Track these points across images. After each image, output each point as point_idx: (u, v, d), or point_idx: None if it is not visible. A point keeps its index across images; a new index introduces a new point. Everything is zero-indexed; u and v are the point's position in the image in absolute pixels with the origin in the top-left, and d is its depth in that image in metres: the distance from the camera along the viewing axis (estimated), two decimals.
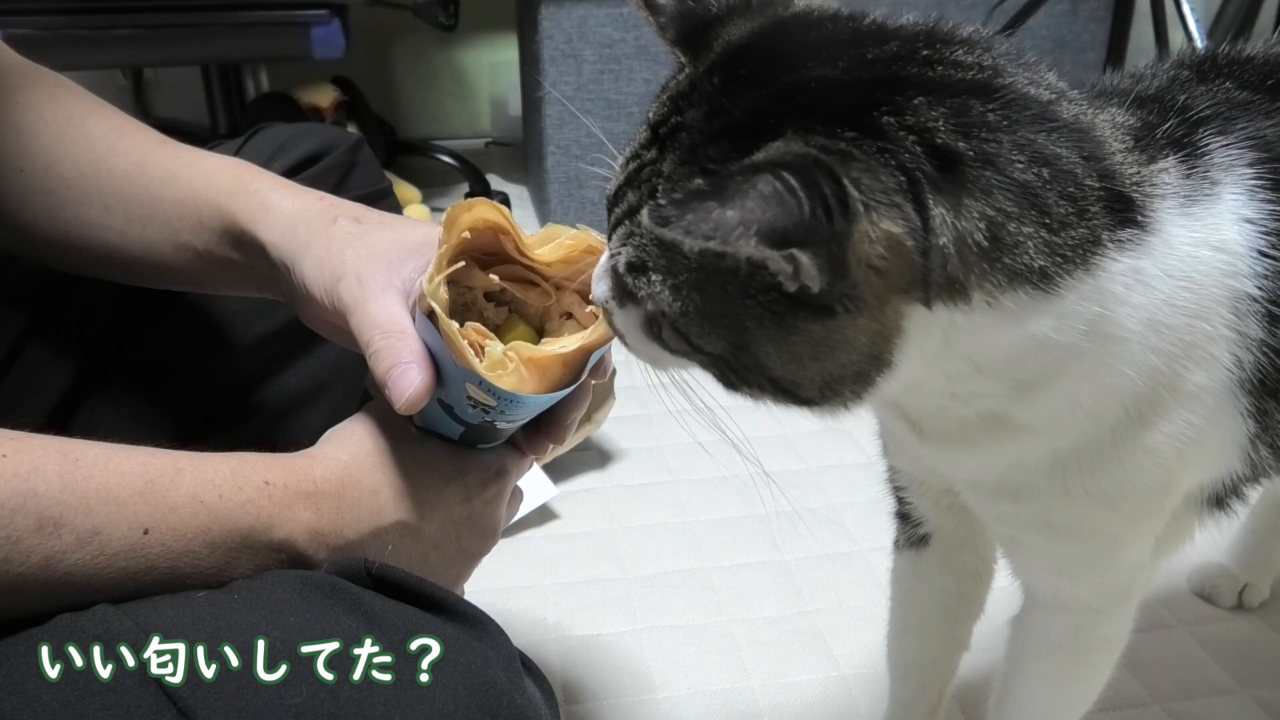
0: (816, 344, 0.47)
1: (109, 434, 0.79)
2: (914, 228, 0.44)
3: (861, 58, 0.48)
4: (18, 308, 0.77)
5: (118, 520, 0.49)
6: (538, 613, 1.05)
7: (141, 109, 2.49)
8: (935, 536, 0.75)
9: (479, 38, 2.58)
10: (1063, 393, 0.51)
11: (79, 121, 0.72)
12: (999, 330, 0.47)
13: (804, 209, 0.41)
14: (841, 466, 1.29)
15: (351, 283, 0.60)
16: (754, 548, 1.15)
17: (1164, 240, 0.50)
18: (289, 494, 0.55)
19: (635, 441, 1.35)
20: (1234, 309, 0.53)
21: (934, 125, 0.45)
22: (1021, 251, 0.46)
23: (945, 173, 0.44)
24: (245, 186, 0.68)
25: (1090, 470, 0.55)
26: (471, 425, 0.59)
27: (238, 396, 0.86)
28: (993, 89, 0.47)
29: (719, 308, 0.48)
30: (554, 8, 1.94)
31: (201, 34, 1.76)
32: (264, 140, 0.90)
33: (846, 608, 1.05)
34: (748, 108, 0.47)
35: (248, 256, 0.67)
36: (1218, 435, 0.56)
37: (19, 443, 0.49)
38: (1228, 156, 0.53)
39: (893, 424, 0.60)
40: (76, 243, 0.72)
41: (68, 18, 1.70)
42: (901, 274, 0.45)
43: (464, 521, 0.62)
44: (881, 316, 0.46)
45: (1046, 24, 2.12)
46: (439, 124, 2.68)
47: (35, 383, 0.78)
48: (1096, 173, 0.48)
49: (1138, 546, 0.62)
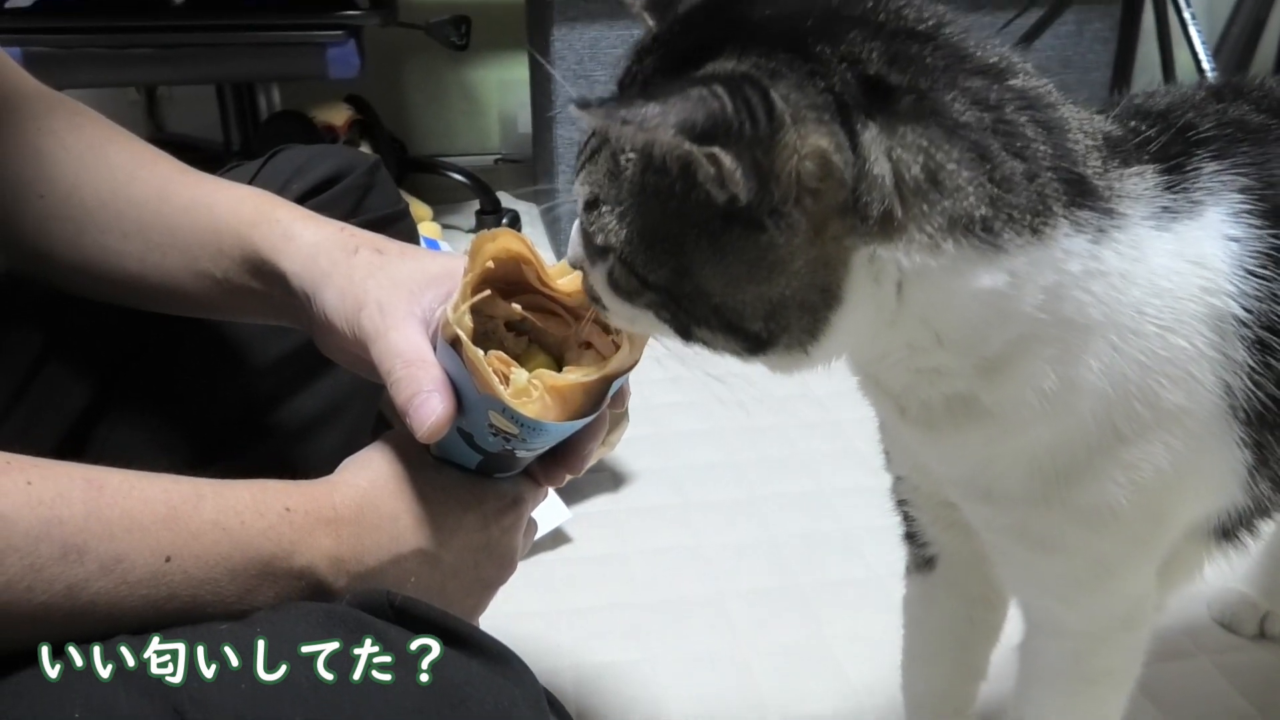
0: (752, 263, 0.48)
1: (125, 454, 0.79)
2: (841, 145, 0.45)
3: (808, 2, 0.50)
4: (35, 328, 0.78)
5: (140, 547, 0.49)
6: (551, 639, 1.04)
7: (154, 125, 2.50)
8: (942, 559, 0.74)
9: (489, 56, 2.58)
10: (1027, 377, 0.51)
11: (100, 149, 0.73)
12: (946, 281, 0.48)
13: (726, 109, 0.43)
14: (857, 489, 1.28)
15: (373, 312, 0.60)
16: (769, 573, 1.14)
17: (1130, 240, 0.51)
18: (310, 520, 0.55)
19: (648, 463, 1.34)
20: (1215, 328, 0.53)
21: (867, 57, 0.46)
22: (962, 196, 0.46)
23: (875, 100, 0.46)
24: (267, 216, 0.68)
25: (1066, 479, 0.55)
26: (490, 454, 0.59)
27: (253, 418, 0.86)
28: (935, 39, 0.49)
29: (659, 229, 0.49)
30: (566, 29, 1.95)
31: (218, 53, 1.77)
32: (283, 162, 0.90)
33: (864, 635, 1.04)
34: (693, 42, 0.50)
35: (267, 285, 0.68)
36: (1210, 464, 0.56)
37: (44, 470, 0.49)
38: (1218, 180, 0.54)
39: (879, 405, 0.61)
40: (95, 269, 0.72)
41: (85, 36, 1.72)
42: (833, 196, 0.46)
43: (482, 549, 0.62)
44: (820, 242, 0.47)
45: (1052, 44, 2.12)
46: (449, 141, 2.68)
47: (52, 403, 0.78)
48: (1051, 144, 0.49)
49: (1134, 576, 0.62)
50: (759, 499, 1.27)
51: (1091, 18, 2.14)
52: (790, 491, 1.29)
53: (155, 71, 1.87)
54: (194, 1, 1.79)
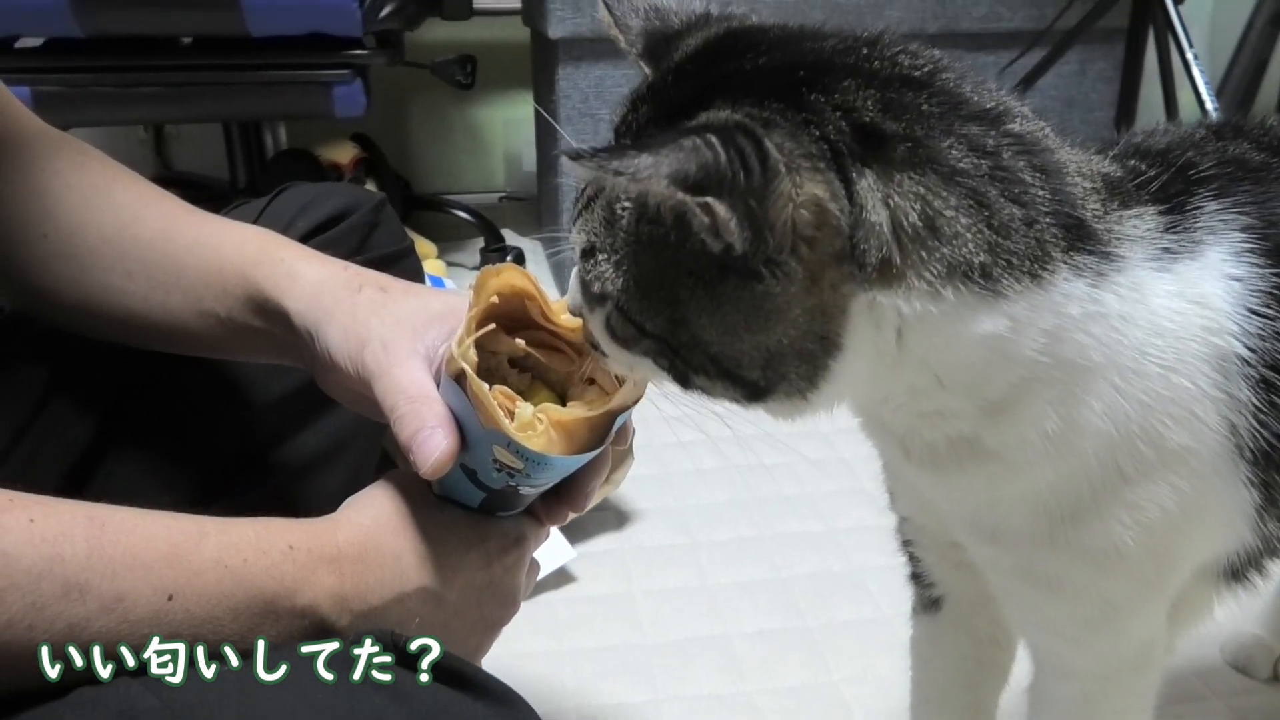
0: (748, 312, 0.47)
1: (127, 491, 0.79)
2: (837, 193, 0.45)
3: (799, 50, 0.50)
4: (39, 364, 0.78)
5: (142, 586, 0.48)
6: (556, 680, 1.03)
7: (162, 162, 2.52)
8: (948, 599, 0.74)
9: (494, 94, 2.61)
10: (1030, 419, 0.51)
11: (104, 189, 0.73)
12: (946, 327, 0.48)
13: (719, 159, 0.43)
14: (864, 528, 1.27)
15: (376, 349, 0.60)
16: (776, 613, 1.13)
17: (1131, 282, 0.51)
18: (312, 558, 0.55)
19: (653, 501, 1.33)
20: (1219, 368, 0.53)
21: (861, 105, 0.46)
22: (961, 243, 0.46)
23: (871, 148, 0.46)
24: (271, 255, 0.68)
25: (1072, 519, 0.55)
26: (494, 491, 0.59)
27: (256, 455, 0.85)
28: (930, 85, 0.49)
29: (655, 279, 0.49)
30: (571, 68, 1.96)
31: (225, 92, 1.79)
32: (288, 199, 0.91)
33: (872, 677, 1.03)
34: (688, 92, 0.50)
35: (271, 324, 0.68)
36: (1217, 504, 0.56)
37: (46, 507, 0.49)
38: (1220, 219, 0.54)
39: (882, 446, 0.60)
40: (97, 308, 0.72)
41: (93, 75, 1.73)
42: (830, 244, 0.46)
43: (485, 588, 0.62)
44: (818, 291, 0.47)
45: (1055, 84, 2.14)
46: (454, 179, 2.70)
47: (56, 440, 0.78)
48: (1049, 189, 0.49)
49: (1142, 617, 0.61)
50: (766, 538, 1.26)
51: (1094, 57, 2.16)
52: (797, 531, 1.28)
53: (163, 110, 1.88)
54: (201, 41, 1.81)
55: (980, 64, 2.13)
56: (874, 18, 2.03)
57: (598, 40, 1.97)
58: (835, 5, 2.01)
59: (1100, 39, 2.11)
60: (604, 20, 0.58)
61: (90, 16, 1.61)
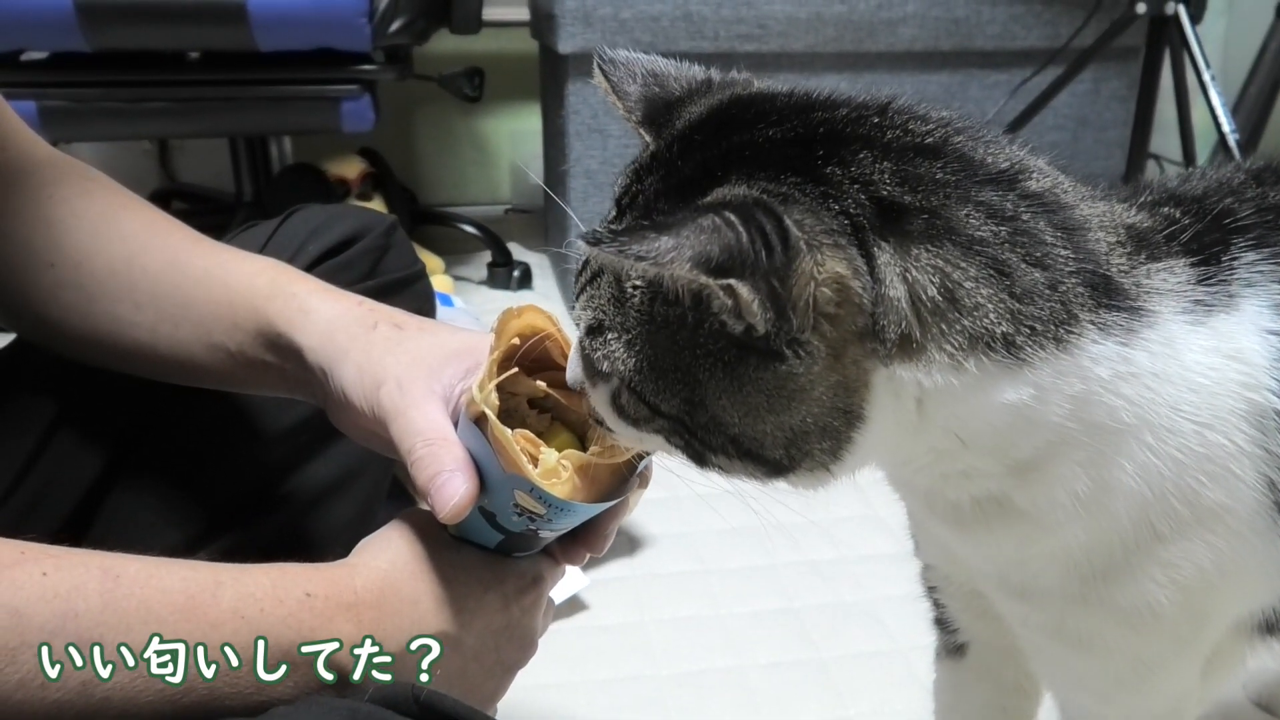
0: (771, 393, 0.46)
1: (135, 523, 0.78)
2: (860, 270, 0.44)
3: (811, 120, 0.49)
4: (47, 396, 0.76)
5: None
6: (570, 713, 1.01)
7: (167, 175, 2.50)
8: (973, 646, 0.72)
9: (500, 106, 2.60)
10: (1059, 480, 0.50)
11: (112, 217, 0.72)
12: (969, 397, 0.47)
13: (741, 240, 0.42)
14: (877, 557, 1.25)
15: (392, 389, 0.59)
16: (790, 645, 1.11)
17: (1163, 339, 0.49)
18: (330, 605, 0.54)
19: (665, 527, 1.32)
20: (1256, 424, 0.51)
21: (877, 178, 0.45)
22: (982, 314, 0.45)
23: (889, 222, 0.45)
24: (283, 290, 0.67)
25: (1104, 578, 0.54)
26: (512, 534, 0.58)
27: (267, 486, 0.84)
28: (943, 152, 0.48)
29: (670, 360, 0.47)
30: (581, 84, 1.95)
31: (233, 107, 1.78)
32: (299, 222, 0.90)
33: (889, 711, 1.01)
34: (698, 164, 0.48)
35: (282, 359, 0.67)
36: (1255, 562, 0.54)
37: (59, 559, 0.48)
38: (1258, 270, 0.52)
39: (910, 502, 0.59)
40: (104, 338, 0.71)
41: (100, 89, 1.72)
42: (852, 321, 0.45)
43: (503, 631, 0.61)
44: (840, 367, 0.46)
45: (1069, 103, 2.13)
46: (459, 190, 2.69)
47: (64, 472, 0.77)
48: (1071, 247, 0.48)
49: (1176, 675, 0.60)
50: (780, 566, 1.24)
51: (1108, 76, 2.14)
52: (810, 559, 1.26)
53: (170, 125, 1.87)
54: (209, 55, 1.80)
55: (994, 83, 2.12)
56: (887, 36, 2.02)
57: None
58: (848, 24, 2.00)
59: (1114, 58, 2.10)
60: (600, 86, 0.56)
61: (98, 31, 1.60)
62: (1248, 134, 1.85)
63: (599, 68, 0.56)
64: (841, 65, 2.06)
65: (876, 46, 2.03)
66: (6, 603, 0.44)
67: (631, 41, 1.95)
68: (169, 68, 1.79)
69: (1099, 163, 2.20)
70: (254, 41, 1.63)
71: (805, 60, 2.05)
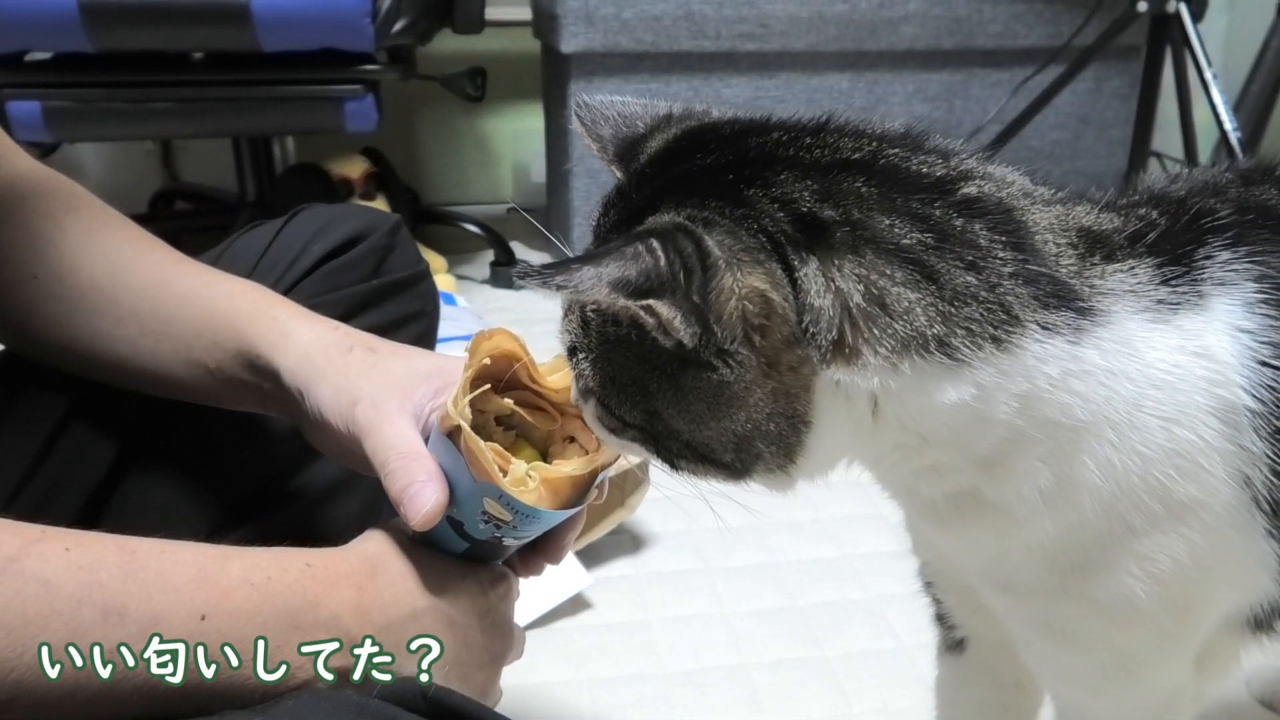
0: (710, 401, 0.49)
1: (145, 518, 0.78)
2: (779, 282, 0.47)
3: (744, 146, 0.52)
4: (58, 391, 0.77)
5: (176, 607, 0.50)
6: (574, 711, 1.01)
7: (170, 175, 2.51)
8: (972, 642, 0.73)
9: (503, 106, 2.60)
10: (1023, 476, 0.51)
11: (96, 233, 0.74)
12: (912, 398, 0.48)
13: (659, 263, 0.46)
14: (879, 555, 1.26)
15: (367, 407, 0.63)
16: (794, 642, 1.11)
17: (1117, 337, 0.50)
18: (330, 574, 0.57)
19: (667, 525, 1.32)
20: (1227, 420, 0.52)
21: (797, 196, 0.48)
22: (911, 317, 0.47)
23: (811, 236, 0.47)
24: (264, 313, 0.70)
25: (1080, 571, 0.54)
26: (478, 542, 0.61)
27: (273, 483, 0.85)
28: (870, 167, 0.50)
29: (625, 375, 0.51)
30: (584, 83, 1.96)
31: (236, 108, 1.78)
32: (304, 222, 0.90)
33: (893, 709, 1.02)
34: (646, 196, 0.52)
35: (260, 379, 0.70)
36: (1236, 557, 0.55)
37: (78, 538, 0.50)
38: (1230, 269, 0.53)
39: (898, 500, 0.61)
40: (84, 350, 0.73)
41: (104, 90, 1.72)
42: (779, 330, 0.48)
43: (485, 614, 0.62)
44: (776, 375, 0.49)
45: (1071, 102, 2.13)
46: (462, 189, 2.69)
47: (74, 467, 0.78)
48: (1011, 249, 0.49)
49: (1165, 669, 0.60)
50: (783, 564, 1.25)
51: (1110, 74, 2.15)
52: (813, 557, 1.26)
53: (174, 125, 1.87)
54: (213, 56, 1.80)
55: (996, 81, 2.12)
56: (889, 35, 2.03)
57: (610, 55, 1.97)
58: (849, 23, 2.00)
59: (1116, 56, 2.11)
60: (576, 130, 0.60)
61: (102, 31, 1.60)
62: (1249, 132, 1.85)
63: (575, 114, 0.59)
64: (843, 64, 2.07)
65: (878, 45, 2.04)
66: (35, 574, 0.46)
67: (633, 41, 1.95)
68: (173, 68, 1.79)
69: (1101, 161, 2.21)
70: (257, 42, 1.64)
71: (807, 59, 2.05)
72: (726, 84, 2.04)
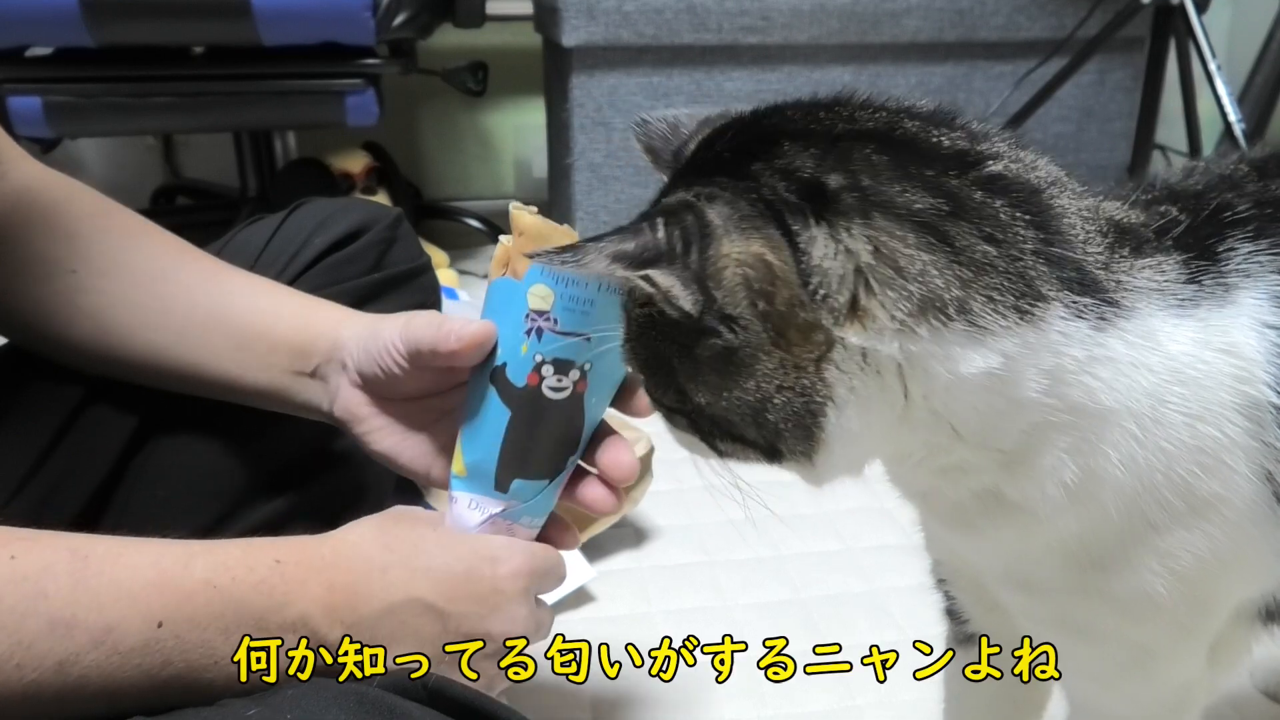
0: (720, 369, 0.50)
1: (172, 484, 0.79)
2: (778, 246, 0.48)
3: (759, 128, 0.53)
4: (73, 381, 0.77)
5: (131, 615, 0.49)
6: (576, 701, 1.01)
7: (171, 170, 2.51)
8: (983, 636, 0.72)
9: (504, 101, 2.60)
10: (1047, 470, 0.51)
11: (139, 235, 0.75)
12: (939, 366, 0.48)
13: (658, 235, 0.48)
14: (883, 548, 1.25)
15: (387, 324, 0.69)
16: (796, 635, 1.11)
17: (1142, 330, 0.50)
18: (301, 570, 0.55)
19: (670, 519, 1.32)
20: (1251, 417, 0.51)
21: (800, 164, 0.49)
22: (927, 278, 0.47)
23: (815, 202, 0.48)
24: (312, 312, 0.75)
25: (1101, 568, 0.54)
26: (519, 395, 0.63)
27: (322, 446, 0.84)
28: (884, 136, 0.50)
29: (655, 356, 0.53)
30: (585, 77, 1.95)
31: (237, 102, 1.78)
32: (306, 215, 0.91)
33: (895, 702, 1.01)
34: (670, 186, 0.54)
35: (303, 365, 0.73)
36: (1255, 551, 0.54)
37: (28, 543, 0.49)
38: (1254, 262, 0.52)
39: (915, 503, 0.60)
40: (117, 344, 0.73)
41: (105, 85, 1.72)
42: (784, 293, 0.48)
43: (485, 599, 0.61)
44: (785, 344, 0.49)
45: (1074, 94, 2.12)
46: (463, 185, 2.69)
47: (94, 442, 0.77)
48: (1034, 228, 0.48)
49: (1181, 664, 0.60)
50: (785, 557, 1.25)
51: (1113, 67, 2.14)
52: (816, 550, 1.26)
53: (175, 120, 1.87)
54: (214, 50, 1.80)
55: (999, 74, 2.12)
56: (891, 27, 2.02)
57: (611, 49, 1.96)
58: (852, 15, 2.00)
59: (1120, 48, 2.10)
60: (637, 149, 0.61)
61: (102, 26, 1.60)
62: (1254, 123, 1.85)
63: (633, 133, 0.61)
64: (846, 57, 2.06)
65: (881, 38, 2.03)
66: None
67: (635, 34, 1.95)
68: (173, 63, 1.79)
69: (1104, 154, 2.20)
70: (258, 36, 1.63)
71: (809, 52, 2.05)
72: (729, 77, 2.04)
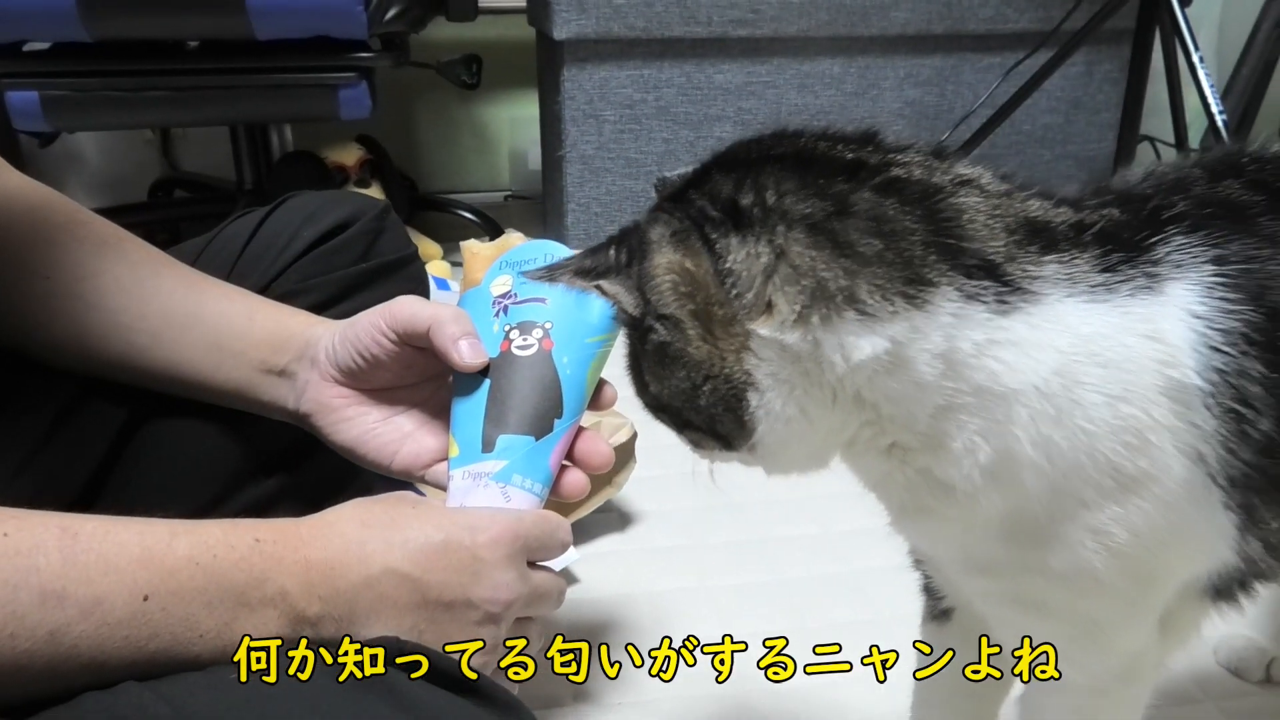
0: (659, 359, 0.59)
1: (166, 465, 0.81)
2: (697, 254, 0.56)
3: (709, 164, 0.61)
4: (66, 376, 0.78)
5: (118, 589, 0.50)
6: (561, 684, 1.04)
7: (169, 164, 2.53)
8: (958, 611, 0.75)
9: (499, 94, 2.61)
10: (963, 450, 0.54)
11: (114, 242, 0.76)
12: (833, 355, 0.53)
13: (608, 252, 0.59)
14: (858, 532, 1.28)
15: (365, 315, 0.73)
16: (776, 615, 1.14)
17: (1047, 314, 0.52)
18: (278, 547, 0.57)
19: (654, 504, 1.34)
20: (1178, 399, 0.53)
21: (722, 188, 0.57)
22: (815, 272, 0.53)
23: (730, 217, 0.56)
24: (287, 317, 0.78)
25: (1036, 545, 0.57)
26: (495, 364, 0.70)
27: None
28: (793, 158, 0.58)
29: (630, 357, 0.62)
30: (576, 69, 1.97)
31: (231, 96, 1.80)
32: (293, 208, 0.92)
33: (872, 679, 1.04)
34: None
35: (279, 361, 0.76)
36: (1193, 528, 0.56)
37: (19, 521, 0.50)
38: (1186, 254, 0.55)
39: (878, 495, 0.64)
40: (95, 345, 0.75)
41: (101, 79, 1.74)
42: (705, 295, 0.56)
43: (467, 569, 0.61)
44: (712, 339, 0.56)
45: (1061, 86, 2.14)
46: (459, 178, 2.70)
47: (84, 436, 0.78)
48: (927, 222, 0.53)
49: (1130, 634, 0.62)
50: (765, 541, 1.27)
51: (1101, 59, 2.16)
52: (796, 534, 1.29)
53: (170, 114, 1.89)
54: (208, 44, 1.82)
55: (987, 66, 2.13)
56: (880, 20, 2.04)
57: (603, 41, 1.98)
58: (841, 8, 2.02)
59: (1107, 41, 2.11)
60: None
61: (98, 21, 1.62)
62: (1240, 115, 1.86)
63: (654, 188, 0.67)
64: (835, 50, 2.08)
65: (869, 30, 2.05)
66: None
67: (625, 27, 1.97)
68: (168, 57, 1.80)
69: (1092, 145, 2.22)
70: (251, 30, 1.65)
71: (798, 45, 2.06)
72: (718, 70, 2.06)
